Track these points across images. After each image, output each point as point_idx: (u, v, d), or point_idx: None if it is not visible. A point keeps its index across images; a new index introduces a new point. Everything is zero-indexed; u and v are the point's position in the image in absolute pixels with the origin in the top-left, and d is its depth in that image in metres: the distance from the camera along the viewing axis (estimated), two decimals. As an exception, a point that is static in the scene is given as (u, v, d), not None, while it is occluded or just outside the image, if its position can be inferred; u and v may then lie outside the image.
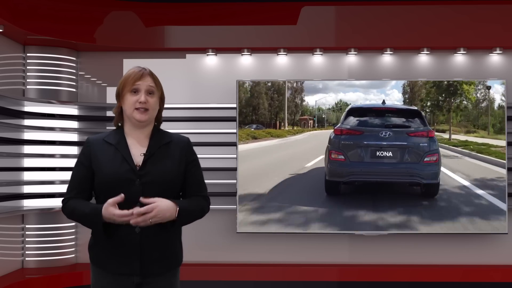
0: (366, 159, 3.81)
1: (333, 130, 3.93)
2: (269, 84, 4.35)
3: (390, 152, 3.80)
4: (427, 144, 3.89)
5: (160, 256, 2.24)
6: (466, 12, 4.74)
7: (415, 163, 3.83)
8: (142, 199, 2.13)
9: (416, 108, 4.09)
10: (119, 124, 2.34)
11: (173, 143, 2.31)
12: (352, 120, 3.89)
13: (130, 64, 4.71)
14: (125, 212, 2.10)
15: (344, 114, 4.01)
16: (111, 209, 2.10)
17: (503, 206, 4.58)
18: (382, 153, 3.80)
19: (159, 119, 2.36)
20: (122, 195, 2.12)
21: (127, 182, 2.19)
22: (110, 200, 2.11)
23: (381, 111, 3.96)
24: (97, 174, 2.23)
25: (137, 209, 2.10)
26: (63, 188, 4.53)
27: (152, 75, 2.28)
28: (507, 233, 4.63)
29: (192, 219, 2.31)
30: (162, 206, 2.14)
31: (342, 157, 3.82)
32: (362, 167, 3.78)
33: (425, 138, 3.87)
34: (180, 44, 4.83)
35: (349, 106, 4.07)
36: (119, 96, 2.28)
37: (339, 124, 3.92)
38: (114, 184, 2.19)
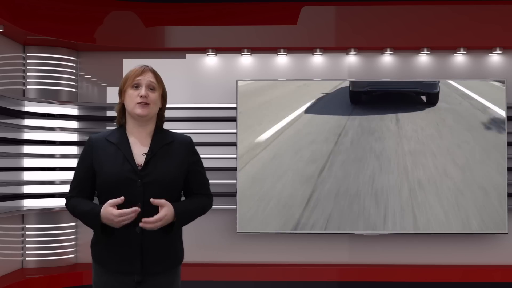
0: None
1: None
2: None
3: None
4: None
5: (161, 256, 2.24)
6: (466, 12, 4.74)
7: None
8: (152, 200, 2.13)
9: None
10: (122, 123, 2.33)
11: (176, 142, 2.30)
12: None
13: (130, 64, 4.74)
14: (123, 211, 2.09)
15: None
16: (109, 208, 2.10)
17: (503, 206, 4.58)
18: None
19: (161, 118, 2.35)
20: (123, 197, 2.12)
21: (128, 182, 2.18)
22: (110, 201, 2.11)
23: None
24: (98, 173, 2.22)
25: (145, 219, 2.11)
26: (63, 188, 4.61)
27: (153, 72, 2.28)
28: (507, 233, 4.63)
29: (192, 219, 2.31)
30: (169, 215, 2.16)
31: None
32: (377, 79, 4.78)
33: None
34: (180, 44, 4.83)
35: None
36: (121, 92, 2.28)
37: None
38: (115, 184, 2.18)
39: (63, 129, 4.74)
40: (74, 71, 4.92)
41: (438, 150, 4.64)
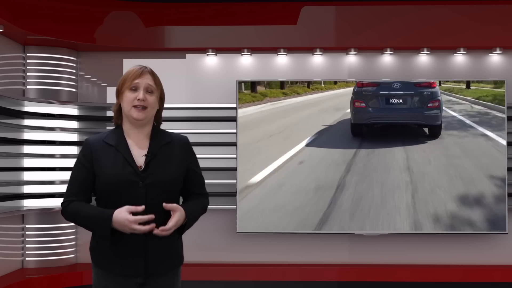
0: (382, 105, 4.67)
1: (355, 83, 4.72)
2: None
3: (401, 100, 4.65)
4: (430, 93, 4.68)
5: (164, 256, 2.24)
6: (466, 12, 4.74)
7: (420, 108, 4.65)
8: (165, 205, 2.14)
9: None
10: (118, 123, 2.32)
11: (173, 143, 2.30)
12: None
13: (130, 64, 4.69)
14: (139, 217, 2.08)
15: None
16: (125, 213, 2.08)
17: (503, 206, 4.58)
18: (394, 101, 4.65)
19: (158, 120, 2.35)
20: (143, 206, 2.11)
21: (130, 184, 2.17)
22: (129, 207, 2.10)
23: None
24: (99, 176, 2.20)
25: (161, 228, 2.12)
26: (63, 188, 4.51)
27: (152, 74, 2.26)
28: (507, 233, 4.63)
29: (197, 220, 2.33)
30: (181, 219, 2.17)
31: (363, 104, 4.67)
32: (379, 112, 4.68)
33: (429, 88, 4.68)
34: (180, 44, 4.83)
35: None
36: (119, 93, 2.26)
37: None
38: (117, 186, 2.17)
39: (63, 129, 4.74)
40: (74, 71, 4.92)
41: (439, 152, 4.64)
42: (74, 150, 4.81)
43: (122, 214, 2.09)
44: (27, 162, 4.68)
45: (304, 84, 4.74)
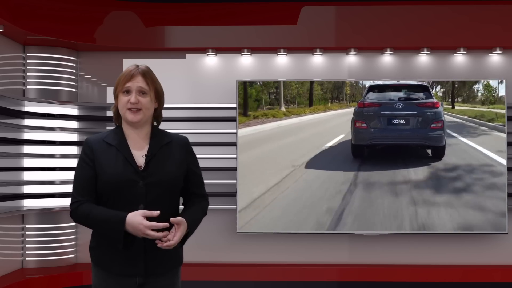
0: (384, 126, 4.58)
1: (357, 103, 4.68)
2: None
3: (403, 120, 4.55)
4: (433, 113, 4.59)
5: (163, 256, 2.24)
6: (466, 12, 4.74)
7: (423, 129, 4.56)
8: (172, 220, 2.14)
9: (424, 83, 4.73)
10: (118, 124, 2.33)
11: (173, 143, 2.31)
12: (372, 95, 4.67)
13: (130, 64, 4.72)
14: (155, 224, 2.09)
15: (365, 90, 4.72)
16: (140, 218, 2.09)
17: (503, 206, 4.58)
18: (396, 121, 4.55)
19: (158, 118, 2.35)
20: (158, 212, 2.12)
21: (130, 183, 2.18)
22: (142, 211, 2.12)
23: (396, 87, 4.71)
24: (100, 175, 2.20)
25: (172, 234, 2.14)
26: (63, 188, 4.61)
27: (144, 75, 2.23)
28: (507, 233, 4.63)
29: (197, 227, 2.33)
30: (184, 232, 2.18)
31: (365, 125, 4.58)
32: (381, 132, 4.58)
33: (432, 108, 4.62)
34: (180, 44, 4.83)
35: (369, 84, 4.75)
36: (115, 95, 2.28)
37: (361, 99, 4.68)
38: (117, 185, 2.18)
39: (63, 129, 4.74)
40: (74, 71, 4.92)
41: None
42: (74, 150, 4.81)
43: (137, 218, 2.09)
44: (27, 162, 4.68)
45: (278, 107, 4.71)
